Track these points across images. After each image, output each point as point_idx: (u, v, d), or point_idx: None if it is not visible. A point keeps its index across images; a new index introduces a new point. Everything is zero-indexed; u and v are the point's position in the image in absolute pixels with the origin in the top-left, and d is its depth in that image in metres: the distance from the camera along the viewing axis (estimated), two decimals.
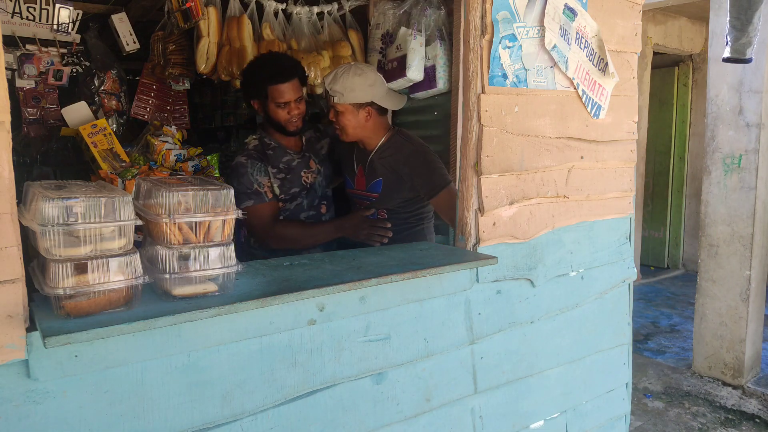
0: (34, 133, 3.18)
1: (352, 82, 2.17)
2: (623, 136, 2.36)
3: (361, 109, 2.23)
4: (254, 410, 1.51)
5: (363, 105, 2.22)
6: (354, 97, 2.19)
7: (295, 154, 2.37)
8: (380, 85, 2.27)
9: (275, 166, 2.31)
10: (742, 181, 3.74)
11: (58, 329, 1.13)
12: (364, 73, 2.21)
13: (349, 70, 2.21)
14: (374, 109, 2.25)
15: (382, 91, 2.26)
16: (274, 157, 2.33)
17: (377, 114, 2.28)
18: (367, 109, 2.23)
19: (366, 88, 2.19)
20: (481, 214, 1.93)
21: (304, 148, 2.42)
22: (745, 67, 3.62)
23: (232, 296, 1.36)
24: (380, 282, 1.57)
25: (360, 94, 2.19)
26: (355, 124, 2.25)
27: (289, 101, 2.24)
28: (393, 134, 2.33)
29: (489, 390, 2.02)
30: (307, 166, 2.39)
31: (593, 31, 2.16)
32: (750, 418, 3.48)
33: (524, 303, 2.09)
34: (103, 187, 1.32)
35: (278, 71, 2.23)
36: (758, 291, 3.85)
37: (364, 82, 2.19)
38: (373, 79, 2.23)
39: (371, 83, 2.21)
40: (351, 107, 2.22)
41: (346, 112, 2.23)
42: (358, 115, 2.23)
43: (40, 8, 2.77)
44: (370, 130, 2.29)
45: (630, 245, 2.47)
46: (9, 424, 1.20)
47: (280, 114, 2.25)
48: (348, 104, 2.21)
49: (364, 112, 2.23)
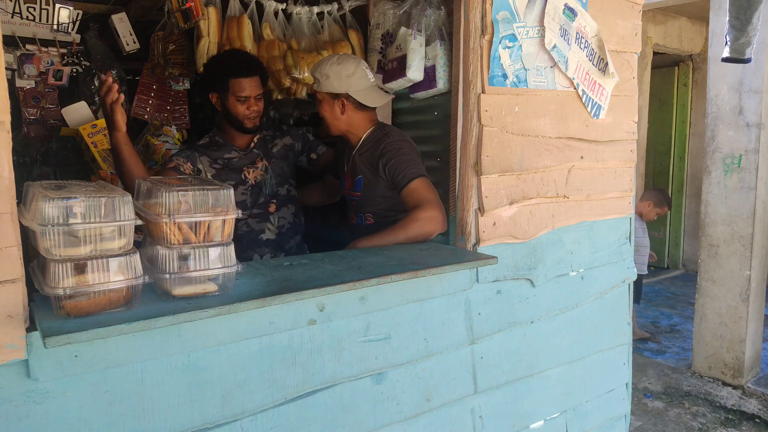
0: (34, 133, 3.18)
1: (329, 70, 2.11)
2: (623, 136, 2.36)
3: (337, 100, 2.15)
4: (254, 410, 1.51)
5: (338, 96, 2.14)
6: (329, 85, 2.12)
7: (240, 152, 2.36)
8: (360, 79, 2.14)
9: (214, 160, 2.32)
10: (742, 181, 3.74)
11: (58, 329, 1.13)
12: (344, 62, 2.13)
13: (331, 57, 2.15)
14: (350, 103, 2.15)
15: (360, 85, 2.14)
16: (216, 153, 2.34)
17: (353, 108, 2.17)
18: (341, 100, 2.14)
19: (342, 78, 2.10)
20: (481, 214, 1.93)
21: (253, 146, 2.40)
22: (745, 67, 3.62)
23: (232, 296, 1.35)
24: (380, 282, 1.57)
25: (335, 83, 2.11)
26: (332, 115, 2.18)
27: (249, 96, 2.23)
28: (374, 129, 2.22)
29: (489, 390, 2.02)
30: (251, 163, 2.37)
31: (593, 31, 2.16)
32: (750, 418, 3.48)
33: (524, 303, 2.09)
34: (103, 187, 1.32)
35: (241, 65, 2.23)
36: (758, 291, 3.85)
37: (341, 71, 2.10)
38: (352, 70, 2.12)
39: (349, 74, 2.11)
40: (327, 96, 2.15)
41: (323, 101, 2.18)
42: (333, 106, 2.16)
43: (40, 8, 2.77)
44: (348, 124, 2.19)
45: (630, 245, 2.47)
46: (9, 424, 1.20)
47: (239, 109, 2.24)
48: (324, 93, 2.15)
49: (339, 103, 2.15)
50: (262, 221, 2.38)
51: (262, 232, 2.37)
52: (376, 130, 2.21)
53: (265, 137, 2.46)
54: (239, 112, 2.25)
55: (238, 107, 2.25)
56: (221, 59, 2.31)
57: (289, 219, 2.46)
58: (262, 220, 2.38)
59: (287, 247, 2.44)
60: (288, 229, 2.45)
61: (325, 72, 2.12)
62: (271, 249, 2.40)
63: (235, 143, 2.38)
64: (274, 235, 2.40)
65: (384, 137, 2.15)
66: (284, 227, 2.44)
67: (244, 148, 2.38)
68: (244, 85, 2.22)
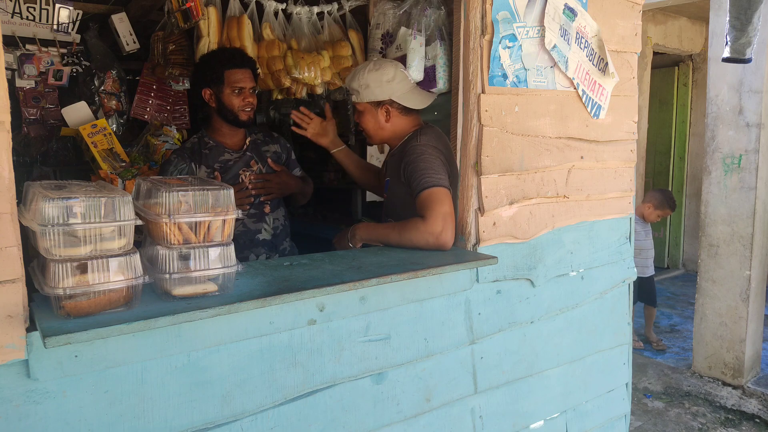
0: (34, 133, 3.18)
1: (368, 78, 2.03)
2: (623, 136, 2.36)
3: (380, 107, 2.06)
4: (254, 410, 1.51)
5: (381, 103, 2.06)
6: (370, 94, 2.04)
7: (234, 153, 2.36)
8: (400, 81, 2.06)
9: (209, 166, 2.29)
10: (742, 181, 3.74)
11: (58, 329, 1.13)
12: (382, 67, 2.05)
13: (367, 65, 2.08)
14: (395, 108, 2.07)
15: (403, 88, 2.07)
16: (210, 157, 2.31)
17: (399, 113, 2.08)
18: (385, 107, 2.06)
19: (383, 84, 2.03)
20: (481, 214, 1.93)
21: (246, 148, 2.39)
22: (745, 67, 3.62)
23: (232, 296, 1.36)
24: (380, 282, 1.57)
25: (376, 91, 2.04)
26: (375, 125, 2.10)
27: (244, 87, 2.25)
28: (414, 131, 2.09)
29: (489, 390, 2.02)
30: (246, 165, 2.37)
31: (593, 31, 2.16)
32: (750, 418, 3.48)
33: (524, 303, 2.09)
34: (103, 187, 1.32)
35: (236, 56, 2.26)
36: (758, 291, 3.85)
37: (381, 77, 2.03)
38: (392, 74, 2.05)
39: (389, 79, 2.04)
40: (369, 106, 2.07)
41: (365, 112, 2.09)
42: (377, 115, 2.08)
43: (40, 8, 2.77)
44: (392, 131, 2.10)
45: (630, 245, 2.47)
46: (9, 424, 1.20)
47: (234, 101, 2.26)
48: (366, 103, 2.08)
49: (382, 111, 2.07)
50: (259, 221, 2.39)
51: (259, 232, 2.38)
52: (414, 132, 2.09)
53: (257, 140, 2.46)
54: (235, 104, 2.26)
55: (233, 99, 2.26)
56: (214, 53, 2.33)
57: (282, 221, 2.49)
58: (258, 221, 2.38)
59: (281, 248, 2.46)
60: (281, 230, 2.47)
61: (363, 81, 2.05)
62: (267, 249, 2.41)
63: (227, 144, 2.36)
64: (269, 236, 2.41)
65: (413, 139, 2.04)
66: (278, 228, 2.46)
67: (238, 150, 2.38)
68: (239, 75, 2.24)
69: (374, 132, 2.12)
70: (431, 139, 2.02)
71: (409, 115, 2.10)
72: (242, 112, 2.28)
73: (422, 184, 1.88)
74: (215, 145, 2.34)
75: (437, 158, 1.95)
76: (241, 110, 2.28)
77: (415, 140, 2.02)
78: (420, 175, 1.90)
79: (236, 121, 2.30)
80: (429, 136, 2.03)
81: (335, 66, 2.72)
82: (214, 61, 2.27)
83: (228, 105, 2.27)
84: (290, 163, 2.58)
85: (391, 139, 2.13)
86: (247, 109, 2.29)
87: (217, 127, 2.36)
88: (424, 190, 1.87)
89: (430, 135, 2.04)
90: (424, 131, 2.07)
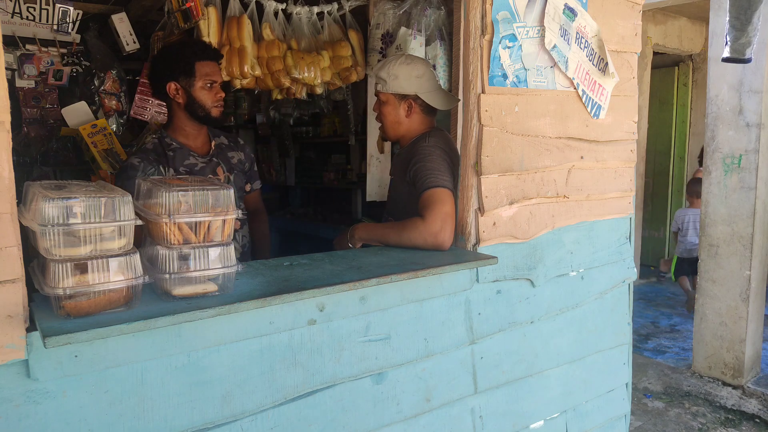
0: (34, 133, 3.18)
1: (398, 70, 2.04)
2: (623, 136, 2.36)
3: (404, 101, 2.08)
4: (254, 410, 1.51)
5: (406, 97, 2.07)
6: (398, 85, 2.05)
7: (199, 158, 2.19)
8: (429, 80, 2.09)
9: (176, 169, 2.12)
10: (742, 181, 3.74)
11: (58, 329, 1.13)
12: (414, 62, 2.07)
13: (398, 57, 2.09)
14: (418, 105, 2.09)
15: (430, 86, 2.09)
16: (175, 159, 2.13)
17: (421, 111, 2.10)
18: (409, 101, 2.08)
19: (412, 78, 2.05)
20: (481, 214, 1.93)
21: (212, 153, 2.24)
22: (745, 67, 3.62)
23: (232, 296, 1.36)
24: (380, 282, 1.57)
25: (404, 83, 2.05)
26: (395, 117, 2.10)
27: (216, 81, 2.12)
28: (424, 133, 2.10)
29: (489, 390, 2.02)
30: (213, 172, 2.20)
31: (593, 31, 2.16)
32: (750, 418, 3.48)
33: (524, 303, 2.09)
34: (103, 187, 1.32)
35: (207, 48, 2.15)
36: (758, 291, 3.85)
37: (411, 72, 2.05)
38: (422, 71, 2.07)
39: (419, 75, 2.06)
40: (393, 98, 2.08)
41: (388, 102, 2.09)
42: (398, 108, 2.09)
43: (40, 8, 2.77)
44: (408, 128, 2.11)
45: (630, 245, 2.47)
46: (9, 424, 1.20)
47: (206, 96, 2.11)
48: (390, 93, 2.08)
49: (405, 105, 2.08)
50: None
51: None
52: (424, 134, 2.11)
53: (222, 145, 2.31)
54: (207, 99, 2.12)
55: (205, 94, 2.11)
56: (183, 44, 2.17)
57: (248, 238, 2.37)
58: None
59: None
60: (248, 249, 2.35)
61: (393, 72, 2.05)
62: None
63: (191, 146, 2.20)
64: (239, 254, 2.24)
65: (422, 140, 2.06)
66: (246, 246, 2.33)
67: (204, 155, 2.22)
68: (211, 68, 2.12)
69: (391, 125, 2.13)
70: (439, 141, 2.04)
71: (428, 115, 2.13)
72: (214, 108, 2.14)
73: (426, 184, 1.90)
74: (179, 147, 2.17)
75: (444, 160, 1.97)
76: (213, 106, 2.14)
77: (423, 141, 2.04)
78: (425, 175, 1.92)
79: (208, 117, 2.15)
80: (437, 138, 2.05)
81: (335, 66, 2.72)
82: (183, 52, 2.11)
83: (199, 100, 2.11)
84: (252, 175, 2.43)
85: (405, 136, 2.14)
86: (219, 105, 2.16)
87: (180, 126, 2.18)
88: (428, 189, 1.89)
89: (439, 137, 2.06)
90: (432, 133, 2.09)
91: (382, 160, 3.05)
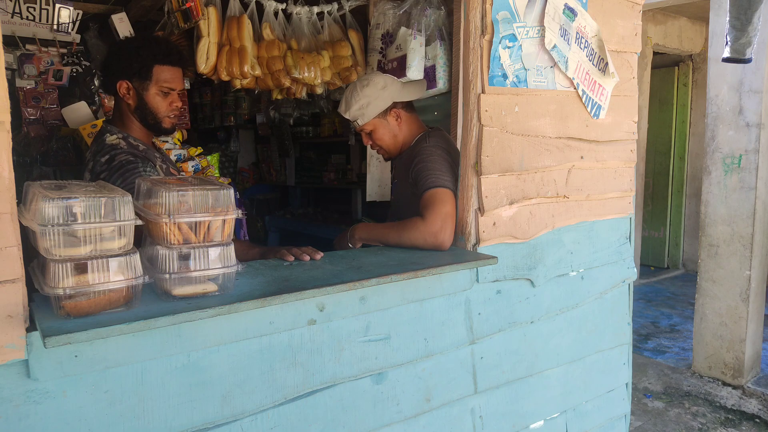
0: (34, 133, 3.18)
1: (363, 98, 2.07)
2: (623, 136, 2.36)
3: (388, 114, 2.12)
4: (254, 410, 1.51)
5: (387, 111, 2.12)
6: (374, 108, 2.08)
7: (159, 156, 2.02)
8: (392, 83, 2.14)
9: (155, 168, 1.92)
10: (742, 181, 3.74)
11: (58, 329, 1.13)
12: (369, 80, 2.10)
13: (353, 89, 2.10)
14: (401, 109, 2.13)
15: (396, 88, 2.13)
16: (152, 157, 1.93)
17: (406, 112, 2.15)
18: (392, 111, 2.12)
19: (379, 93, 2.08)
20: (481, 214, 1.93)
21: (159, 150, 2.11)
22: (745, 67, 3.62)
23: (232, 296, 1.36)
24: (380, 282, 1.57)
25: (377, 102, 2.08)
26: (390, 134, 2.14)
27: (174, 89, 1.92)
28: (423, 134, 2.15)
29: (489, 390, 2.02)
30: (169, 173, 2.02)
31: (593, 31, 2.16)
32: (750, 418, 3.48)
33: (524, 303, 2.09)
34: (103, 187, 1.32)
35: (171, 51, 1.91)
36: (758, 291, 3.85)
37: (374, 89, 2.08)
38: (382, 81, 2.11)
39: (383, 86, 2.09)
40: (377, 120, 2.11)
41: (375, 128, 2.12)
42: (388, 124, 2.12)
43: (40, 8, 2.77)
44: (406, 133, 2.15)
45: (630, 245, 2.47)
46: (9, 424, 1.20)
47: (160, 103, 1.90)
48: (373, 119, 2.10)
49: (392, 116, 2.12)
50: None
51: None
52: (423, 135, 2.14)
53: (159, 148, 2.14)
54: (161, 107, 1.91)
55: (159, 101, 1.90)
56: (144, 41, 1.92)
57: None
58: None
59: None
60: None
61: (361, 102, 2.07)
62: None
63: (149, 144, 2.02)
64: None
65: (422, 141, 2.09)
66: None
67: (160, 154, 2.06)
68: (171, 74, 1.90)
69: (392, 142, 2.15)
70: (440, 141, 2.07)
71: (412, 112, 2.17)
72: (167, 118, 1.94)
73: (427, 184, 1.92)
74: (146, 147, 1.96)
75: (445, 160, 2.00)
76: (166, 116, 1.93)
77: (424, 142, 2.07)
78: (426, 175, 1.94)
79: (157, 126, 1.94)
80: (437, 138, 2.09)
81: (335, 66, 2.72)
82: (142, 51, 1.87)
83: (151, 106, 1.90)
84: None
85: (405, 143, 2.17)
86: (173, 116, 1.95)
87: (128, 125, 1.96)
88: (429, 189, 1.91)
89: (438, 137, 2.10)
90: (432, 134, 2.12)
91: (382, 161, 3.05)
